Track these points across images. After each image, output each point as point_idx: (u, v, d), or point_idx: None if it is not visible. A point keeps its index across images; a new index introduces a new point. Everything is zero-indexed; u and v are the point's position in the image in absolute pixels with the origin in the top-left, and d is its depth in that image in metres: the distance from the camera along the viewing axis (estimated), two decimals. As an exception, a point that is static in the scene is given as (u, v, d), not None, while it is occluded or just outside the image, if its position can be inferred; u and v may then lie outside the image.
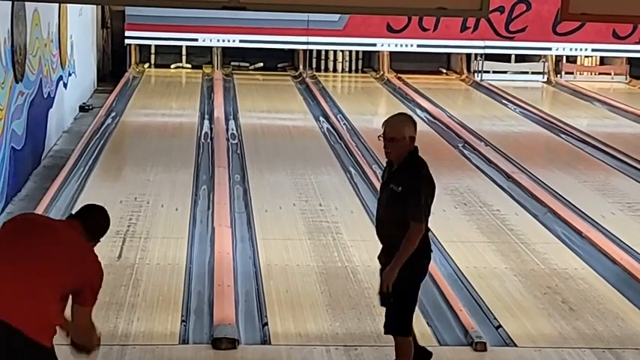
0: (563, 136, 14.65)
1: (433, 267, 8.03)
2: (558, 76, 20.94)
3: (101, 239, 4.68)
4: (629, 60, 21.07)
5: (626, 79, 21.07)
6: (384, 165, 5.89)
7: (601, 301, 7.64)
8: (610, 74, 21.24)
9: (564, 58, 21.11)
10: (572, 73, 21.12)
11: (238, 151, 12.69)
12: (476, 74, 20.65)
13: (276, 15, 18.13)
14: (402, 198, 5.50)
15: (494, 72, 20.66)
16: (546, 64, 21.04)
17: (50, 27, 12.60)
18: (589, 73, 21.26)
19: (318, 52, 20.91)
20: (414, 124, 5.73)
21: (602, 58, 21.38)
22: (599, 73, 21.29)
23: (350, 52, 21.02)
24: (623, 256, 8.50)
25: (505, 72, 20.83)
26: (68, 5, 14.01)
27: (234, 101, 16.81)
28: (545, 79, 21.00)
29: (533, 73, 21.08)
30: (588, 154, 13.35)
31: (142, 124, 14.90)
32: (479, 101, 18.78)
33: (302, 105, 17.02)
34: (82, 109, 15.29)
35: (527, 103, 17.43)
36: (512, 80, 20.50)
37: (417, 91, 18.57)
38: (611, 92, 19.56)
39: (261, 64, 20.68)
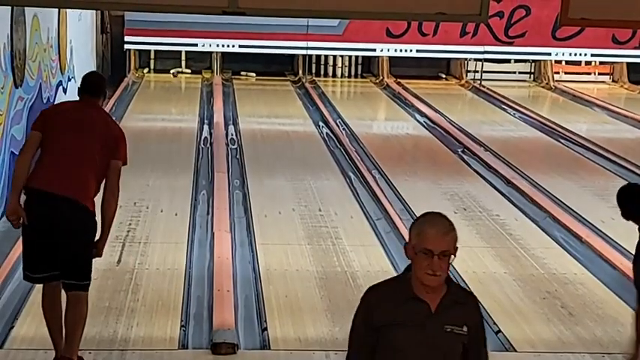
0: (562, 141, 14.66)
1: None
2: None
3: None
4: (628, 65, 21.13)
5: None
6: (371, 300, 3.74)
7: (600, 306, 7.64)
8: (593, 73, 21.35)
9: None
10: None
11: (238, 156, 12.70)
12: (466, 74, 20.81)
13: (275, 20, 18.12)
14: (473, 340, 3.72)
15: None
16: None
17: (50, 32, 12.61)
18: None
19: (318, 57, 20.92)
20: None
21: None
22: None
23: (349, 57, 21.05)
24: (622, 261, 8.49)
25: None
26: (68, 10, 14.01)
27: (233, 106, 16.82)
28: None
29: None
30: (588, 159, 13.36)
31: (142, 129, 14.89)
32: (478, 106, 18.79)
33: (301, 110, 17.03)
34: (82, 114, 15.27)
35: (526, 108, 17.44)
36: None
37: (416, 96, 18.58)
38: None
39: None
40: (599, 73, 21.41)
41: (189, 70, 20.57)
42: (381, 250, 8.80)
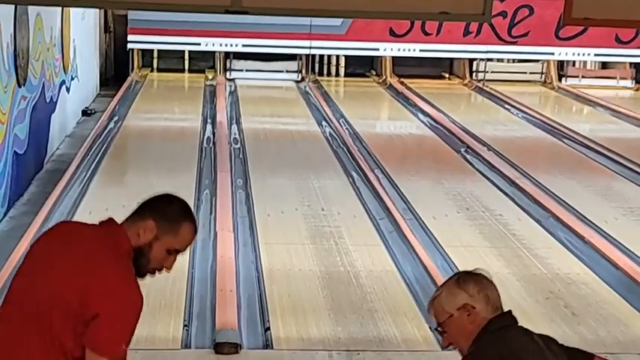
0: (566, 141, 14.64)
1: (436, 272, 8.04)
2: (562, 80, 20.90)
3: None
4: (632, 65, 21.06)
5: (632, 83, 21.01)
6: None
7: (603, 306, 7.63)
8: (615, 78, 21.16)
9: (571, 62, 21.12)
10: (576, 77, 21.07)
11: (241, 156, 12.69)
12: (474, 74, 20.76)
13: (278, 19, 18.12)
14: None
15: (492, 72, 20.70)
16: (544, 64, 21.08)
17: (53, 31, 12.61)
18: (594, 78, 21.21)
19: (321, 56, 20.93)
20: None
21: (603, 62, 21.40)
22: (604, 77, 21.24)
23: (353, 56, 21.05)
24: (625, 261, 8.49)
25: (503, 72, 20.92)
26: (71, 9, 14.02)
27: (236, 105, 16.82)
28: (543, 79, 21.09)
29: (531, 73, 21.15)
30: (591, 159, 13.34)
31: (145, 129, 14.90)
32: (481, 106, 18.78)
33: (304, 109, 17.02)
34: (85, 113, 15.30)
35: (530, 108, 17.42)
36: (509, 80, 20.57)
37: (419, 95, 18.56)
38: (617, 99, 19.45)
39: None
40: (621, 78, 21.18)
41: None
42: (384, 249, 8.79)
